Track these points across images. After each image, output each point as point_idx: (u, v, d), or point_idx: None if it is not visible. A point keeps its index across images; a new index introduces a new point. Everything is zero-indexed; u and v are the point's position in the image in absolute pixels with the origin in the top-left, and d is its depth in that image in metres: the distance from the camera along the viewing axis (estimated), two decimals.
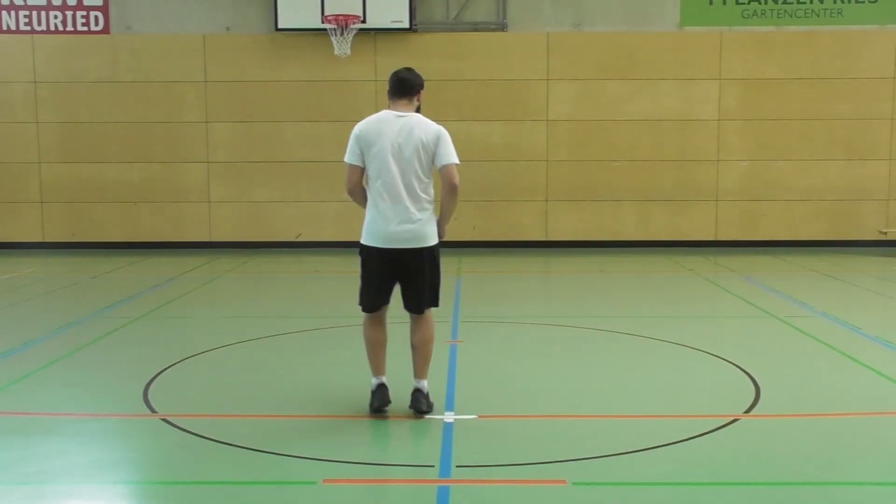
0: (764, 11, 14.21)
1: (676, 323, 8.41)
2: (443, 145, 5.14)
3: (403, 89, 5.25)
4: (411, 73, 5.34)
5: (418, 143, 5.09)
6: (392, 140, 5.10)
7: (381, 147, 5.10)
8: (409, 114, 5.20)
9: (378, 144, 5.10)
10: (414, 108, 5.27)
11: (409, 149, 5.09)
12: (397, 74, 5.32)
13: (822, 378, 6.33)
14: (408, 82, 5.26)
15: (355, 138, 5.20)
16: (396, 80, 5.29)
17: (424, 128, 5.16)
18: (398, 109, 5.22)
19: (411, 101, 5.27)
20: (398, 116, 5.17)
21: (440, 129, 5.20)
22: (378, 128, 5.15)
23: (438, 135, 5.16)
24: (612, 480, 4.29)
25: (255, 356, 7.05)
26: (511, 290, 10.65)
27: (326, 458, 4.52)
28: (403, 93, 5.25)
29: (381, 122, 5.17)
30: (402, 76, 5.30)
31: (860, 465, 4.53)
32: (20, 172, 14.50)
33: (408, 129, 5.12)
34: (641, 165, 14.36)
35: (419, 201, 5.14)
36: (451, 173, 5.13)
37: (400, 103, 5.25)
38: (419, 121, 5.18)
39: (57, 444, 4.83)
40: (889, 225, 14.35)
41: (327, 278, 11.95)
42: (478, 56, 14.20)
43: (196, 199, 14.54)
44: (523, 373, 6.43)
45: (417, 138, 5.10)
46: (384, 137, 5.11)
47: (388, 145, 5.09)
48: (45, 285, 11.21)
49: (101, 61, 14.30)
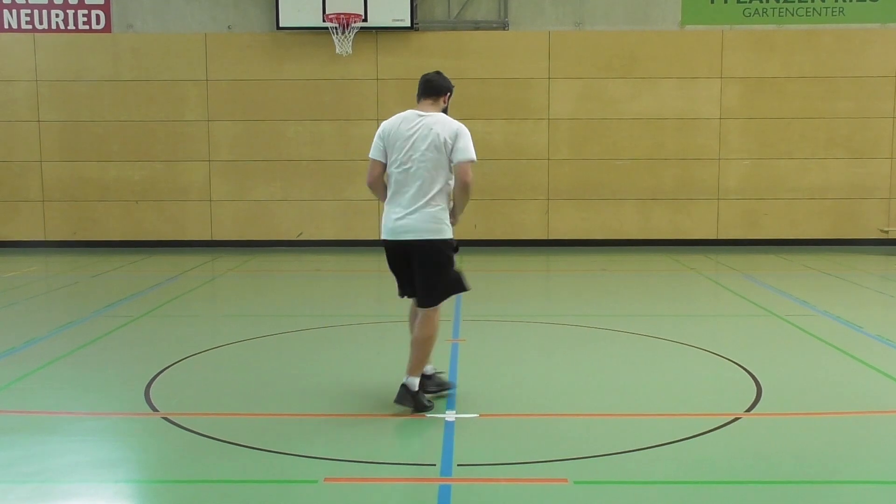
0: (765, 10, 14.20)
1: (678, 321, 8.41)
2: (460, 141, 5.22)
3: (429, 90, 5.41)
4: (439, 76, 5.49)
5: (435, 140, 5.20)
6: (410, 137, 5.25)
7: (400, 144, 5.26)
8: (431, 113, 5.33)
9: (398, 140, 5.28)
10: (439, 109, 5.41)
11: (425, 145, 5.21)
12: (425, 76, 5.48)
13: (824, 377, 6.32)
14: (433, 83, 5.42)
15: (378, 135, 5.39)
16: (423, 81, 5.46)
17: (444, 125, 5.26)
18: (422, 109, 5.38)
19: (436, 102, 5.41)
20: (420, 115, 5.32)
21: (460, 126, 5.29)
22: (399, 125, 5.31)
23: (458, 131, 5.24)
24: (614, 479, 4.29)
25: (256, 355, 7.05)
26: (512, 289, 10.65)
27: (328, 457, 4.52)
28: (429, 94, 5.41)
29: (404, 120, 5.33)
30: (428, 78, 5.46)
31: (861, 464, 4.53)
32: (22, 171, 14.51)
33: (427, 126, 5.25)
34: (643, 164, 14.36)
35: (427, 197, 5.21)
36: (463, 171, 5.20)
37: (425, 103, 5.41)
38: (439, 119, 5.30)
39: (58, 443, 4.83)
40: (890, 223, 14.34)
41: (328, 277, 11.95)
42: (479, 55, 14.20)
43: (197, 198, 14.54)
44: (525, 371, 6.43)
45: (435, 135, 5.21)
46: (403, 134, 5.27)
47: (406, 142, 5.25)
48: (46, 284, 11.21)
49: (102, 60, 14.31)
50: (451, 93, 5.51)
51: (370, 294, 10.80)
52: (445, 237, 5.29)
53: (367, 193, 15.04)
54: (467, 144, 5.23)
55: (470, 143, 5.25)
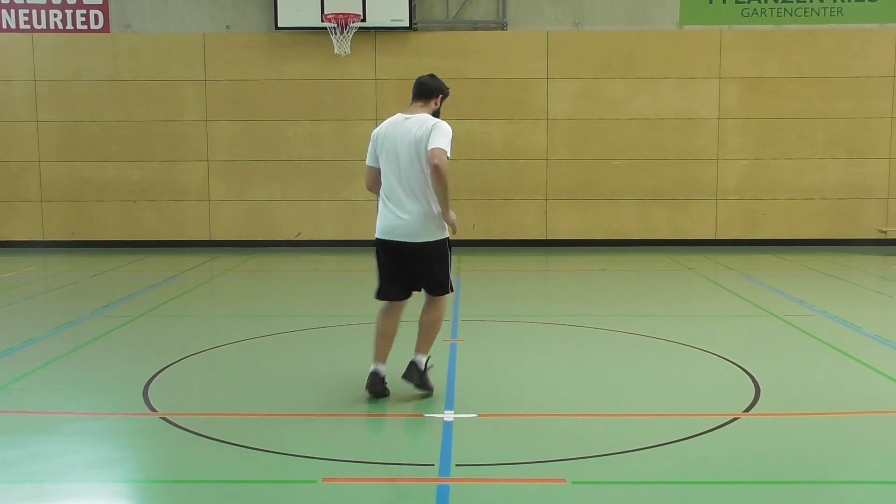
0: (764, 10, 14.21)
1: (676, 322, 8.41)
2: (434, 133, 5.22)
3: (420, 93, 5.49)
4: (433, 79, 5.55)
5: (413, 140, 5.27)
6: (394, 140, 5.34)
7: (387, 148, 5.36)
8: (416, 115, 5.38)
9: (385, 145, 5.37)
10: (429, 111, 5.46)
11: (405, 146, 5.28)
12: (419, 79, 5.54)
13: (822, 377, 6.32)
14: (425, 86, 5.49)
15: (371, 141, 5.50)
16: (416, 83, 5.53)
17: (421, 124, 5.30)
18: (411, 112, 5.44)
19: (427, 104, 5.48)
20: (405, 118, 5.39)
21: (437, 122, 5.30)
22: (386, 130, 5.41)
23: (433, 127, 5.26)
24: (612, 479, 4.29)
25: (254, 355, 7.05)
26: (511, 289, 10.65)
27: (326, 457, 4.52)
28: (419, 96, 5.49)
29: (391, 124, 5.42)
30: (421, 80, 5.53)
31: (860, 464, 4.53)
32: (20, 171, 14.50)
33: (406, 128, 5.32)
34: (641, 164, 14.36)
35: (416, 198, 5.30)
36: (431, 154, 5.17)
37: (414, 106, 5.48)
38: (419, 119, 5.34)
39: (57, 443, 4.82)
40: (889, 223, 14.35)
41: (327, 277, 11.95)
42: (478, 55, 14.20)
43: (196, 198, 14.54)
44: (523, 371, 6.43)
45: (413, 135, 5.27)
46: (389, 138, 5.36)
47: (390, 146, 5.34)
48: (44, 284, 11.21)
49: (101, 60, 14.30)
50: (445, 95, 5.55)
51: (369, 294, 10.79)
52: (440, 237, 5.40)
53: (366, 194, 14.97)
54: (438, 136, 5.19)
55: (442, 136, 5.20)
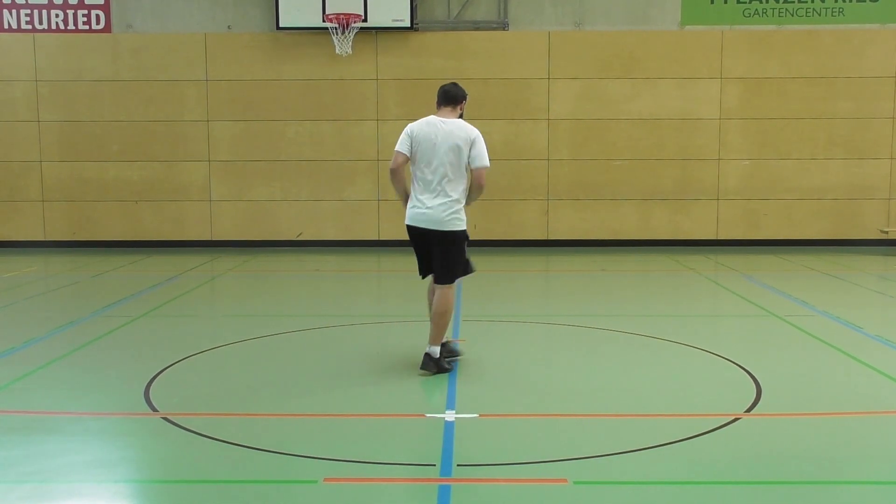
0: (765, 10, 14.20)
1: (677, 322, 8.41)
2: (476, 148, 6.10)
3: (448, 99, 6.26)
4: (456, 87, 6.33)
5: (454, 144, 6.05)
6: (434, 140, 6.07)
7: (426, 145, 6.09)
8: (451, 119, 6.18)
9: (424, 142, 6.10)
10: (457, 115, 6.26)
11: (446, 148, 6.05)
12: (443, 87, 6.30)
13: (824, 377, 6.32)
14: (451, 93, 6.27)
15: (407, 133, 6.19)
16: (442, 91, 6.28)
17: (462, 131, 6.11)
18: (442, 116, 6.21)
19: (454, 109, 6.26)
20: (442, 122, 6.15)
21: (477, 134, 6.13)
22: (425, 128, 6.15)
23: (474, 139, 6.11)
24: (613, 479, 4.29)
25: (255, 355, 7.05)
26: (512, 289, 10.65)
27: (327, 457, 4.52)
28: (447, 102, 6.26)
29: (429, 124, 6.17)
30: (447, 89, 6.30)
31: (861, 464, 4.53)
32: (21, 171, 14.51)
33: (448, 131, 6.09)
34: (642, 164, 14.36)
35: (444, 193, 6.07)
36: (479, 175, 6.15)
37: (444, 110, 6.24)
38: (458, 125, 6.14)
39: (57, 443, 4.83)
40: (890, 224, 14.35)
41: (328, 277, 11.95)
42: (479, 55, 14.20)
43: (197, 198, 14.55)
44: (524, 372, 6.43)
45: (455, 139, 6.06)
46: (428, 137, 6.10)
47: (430, 144, 6.08)
48: (45, 284, 11.21)
49: (102, 60, 14.31)
50: (466, 99, 6.31)
51: (370, 294, 10.82)
52: (460, 228, 6.13)
53: (366, 194, 15.13)
54: (481, 151, 6.10)
55: (484, 150, 6.13)
